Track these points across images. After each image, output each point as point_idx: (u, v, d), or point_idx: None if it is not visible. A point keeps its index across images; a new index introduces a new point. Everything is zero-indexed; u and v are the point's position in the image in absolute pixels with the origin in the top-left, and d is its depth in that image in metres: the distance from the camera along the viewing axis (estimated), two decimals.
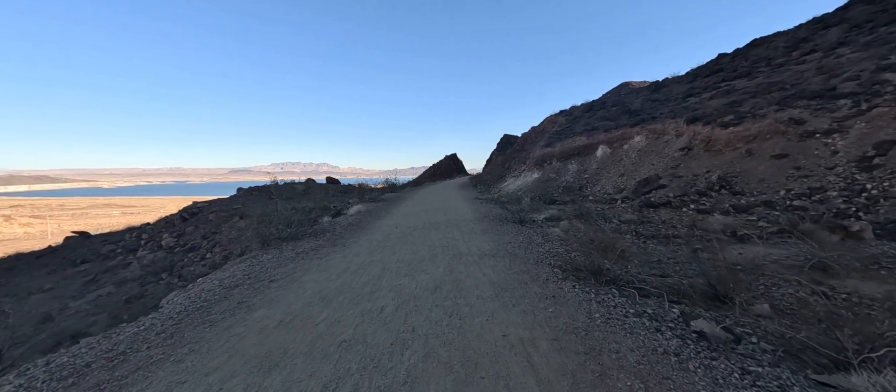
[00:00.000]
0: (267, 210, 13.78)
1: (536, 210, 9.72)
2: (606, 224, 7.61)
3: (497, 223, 7.79)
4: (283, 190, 23.45)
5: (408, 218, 9.64)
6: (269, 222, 7.51)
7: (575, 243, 5.46)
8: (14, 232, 39.74)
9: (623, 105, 18.12)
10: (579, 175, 14.22)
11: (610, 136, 15.03)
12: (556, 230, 6.15)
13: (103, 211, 63.87)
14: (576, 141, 15.88)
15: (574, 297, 3.55)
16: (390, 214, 10.63)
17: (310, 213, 12.92)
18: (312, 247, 6.67)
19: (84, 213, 58.33)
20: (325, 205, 14.30)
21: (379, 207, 12.17)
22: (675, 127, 13.10)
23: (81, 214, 56.85)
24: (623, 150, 14.15)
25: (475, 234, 6.65)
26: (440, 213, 10.07)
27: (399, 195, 16.47)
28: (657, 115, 15.19)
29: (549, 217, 8.45)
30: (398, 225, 8.48)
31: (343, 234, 7.74)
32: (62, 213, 58.43)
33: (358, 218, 10.04)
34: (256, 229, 7.10)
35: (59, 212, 60.05)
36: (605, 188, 12.58)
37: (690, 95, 16.83)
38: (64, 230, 29.87)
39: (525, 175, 15.86)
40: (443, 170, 44.30)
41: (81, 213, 60.11)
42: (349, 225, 8.96)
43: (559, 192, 13.32)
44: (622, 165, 13.34)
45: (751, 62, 18.28)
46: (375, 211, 11.44)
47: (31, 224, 46.34)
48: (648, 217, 8.16)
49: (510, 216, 8.60)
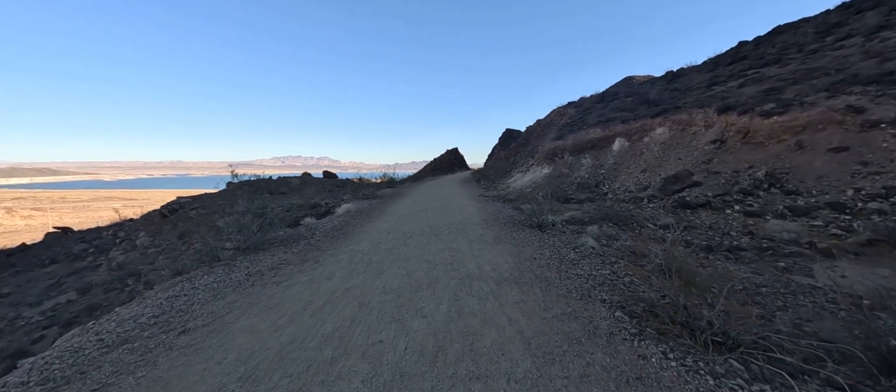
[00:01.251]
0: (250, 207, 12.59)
1: (553, 210, 8.47)
2: (642, 230, 6.36)
3: (511, 228, 6.53)
4: (276, 185, 22.25)
5: (404, 220, 8.38)
6: (234, 228, 6.16)
7: (622, 261, 4.21)
8: (15, 224, 39.56)
9: (640, 95, 16.76)
10: (595, 170, 12.94)
11: (628, 127, 13.72)
12: (589, 241, 4.92)
13: (105, 204, 63.04)
14: (589, 133, 14.58)
15: (674, 383, 2.13)
16: (384, 215, 9.36)
17: (296, 211, 11.71)
18: (274, 263, 5.24)
19: (85, 206, 57.51)
20: (316, 202, 13.08)
21: (373, 206, 10.91)
22: (704, 117, 11.79)
23: (83, 207, 56.03)
24: (643, 142, 12.86)
25: (486, 244, 5.37)
26: (442, 214, 8.80)
27: (397, 191, 15.24)
28: (680, 104, 13.86)
29: (569, 219, 7.21)
30: (392, 229, 7.21)
31: (321, 243, 6.34)
32: (64, 206, 57.73)
33: (345, 219, 8.73)
34: (204, 239, 5.77)
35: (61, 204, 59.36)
36: (626, 185, 11.31)
37: (715, 84, 15.47)
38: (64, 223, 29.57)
39: (534, 170, 14.60)
40: (444, 164, 43.02)
41: (83, 205, 59.31)
42: (333, 229, 7.64)
43: (574, 190, 12.06)
44: (643, 160, 12.06)
45: (779, 49, 16.99)
46: (368, 210, 10.18)
47: (33, 216, 45.97)
48: (689, 220, 6.91)
49: (525, 219, 7.34)
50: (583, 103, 21.44)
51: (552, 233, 5.95)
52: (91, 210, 52.36)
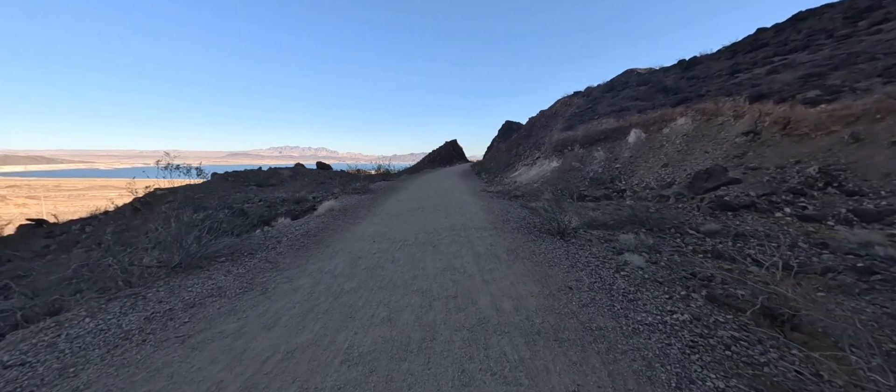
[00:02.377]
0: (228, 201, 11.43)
1: (568, 210, 7.33)
2: (684, 239, 5.23)
3: (525, 235, 5.38)
4: (265, 176, 21.01)
5: (395, 222, 7.14)
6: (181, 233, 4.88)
7: (695, 294, 3.03)
8: (10, 212, 38.78)
9: (656, 83, 15.54)
10: (609, 164, 11.79)
11: (645, 117, 12.54)
12: (634, 258, 3.79)
13: (100, 192, 61.85)
14: (602, 124, 13.40)
15: None
16: (373, 214, 8.07)
17: (278, 207, 10.53)
18: (201, 294, 3.72)
19: (81, 195, 56.23)
20: (302, 196, 11.89)
21: (361, 202, 9.69)
22: (733, 106, 10.63)
23: (78, 196, 54.78)
24: (663, 134, 11.71)
25: (499, 262, 4.19)
26: (440, 214, 7.62)
27: (392, 184, 14.06)
28: (703, 92, 12.67)
29: (591, 222, 6.07)
30: (379, 236, 5.97)
31: (281, 258, 4.89)
32: (58, 194, 56.61)
33: (325, 220, 7.43)
34: (116, 254, 4.48)
35: (56, 193, 58.06)
36: (646, 180, 10.18)
37: (737, 71, 14.28)
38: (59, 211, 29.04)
39: (541, 163, 13.47)
40: (442, 156, 41.74)
41: (78, 194, 58.06)
42: (305, 234, 6.29)
43: (587, 185, 10.92)
44: (664, 153, 10.92)
45: (804, 35, 15.81)
46: (354, 208, 8.90)
47: (27, 204, 45.07)
48: (733, 226, 5.78)
49: (540, 222, 6.19)
50: (591, 93, 20.18)
51: (578, 242, 4.83)
52: (86, 199, 51.25)
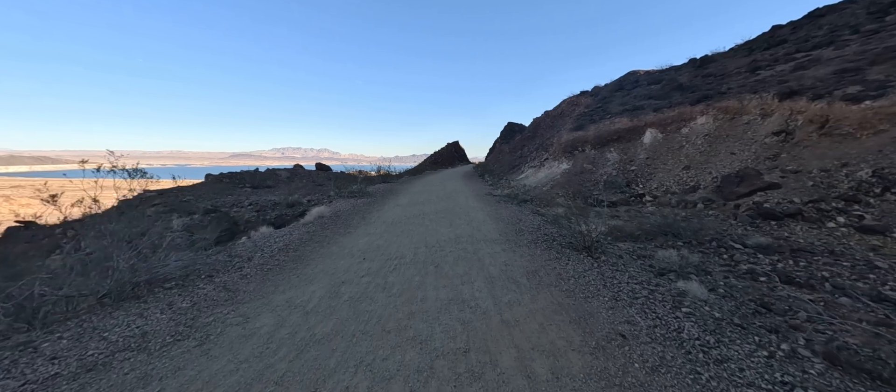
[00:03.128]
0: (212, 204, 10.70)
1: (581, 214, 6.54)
2: (729, 255, 4.44)
3: (545, 250, 4.57)
4: (261, 177, 20.30)
5: (392, 232, 6.29)
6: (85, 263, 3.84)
7: (777, 335, 2.25)
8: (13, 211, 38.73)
9: (670, 81, 14.74)
10: (623, 166, 11.00)
11: (661, 117, 11.75)
12: (694, 287, 2.99)
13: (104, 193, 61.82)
14: (614, 123, 12.61)
15: None
16: (367, 223, 7.21)
17: (268, 212, 9.79)
18: (118, 344, 2.74)
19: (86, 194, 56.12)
20: (296, 200, 11.14)
21: (356, 208, 8.89)
22: (760, 104, 9.83)
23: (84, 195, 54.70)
24: (681, 134, 10.91)
25: (519, 290, 3.36)
26: (443, 222, 6.86)
27: (391, 187, 13.31)
28: (724, 90, 11.87)
29: (615, 233, 5.27)
30: (370, 251, 5.11)
31: (244, 284, 3.94)
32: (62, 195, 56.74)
33: (311, 230, 6.54)
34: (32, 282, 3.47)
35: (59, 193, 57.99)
36: (665, 184, 9.39)
37: (758, 68, 13.48)
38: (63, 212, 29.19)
39: (549, 165, 12.69)
40: (444, 157, 41.00)
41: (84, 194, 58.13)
42: (283, 249, 5.39)
43: (601, 189, 10.13)
44: (684, 155, 10.12)
45: (826, 31, 15.05)
46: (347, 215, 8.06)
47: (31, 204, 44.93)
48: (783, 238, 4.98)
49: (557, 232, 5.40)
50: (599, 92, 19.40)
51: (609, 260, 4.04)
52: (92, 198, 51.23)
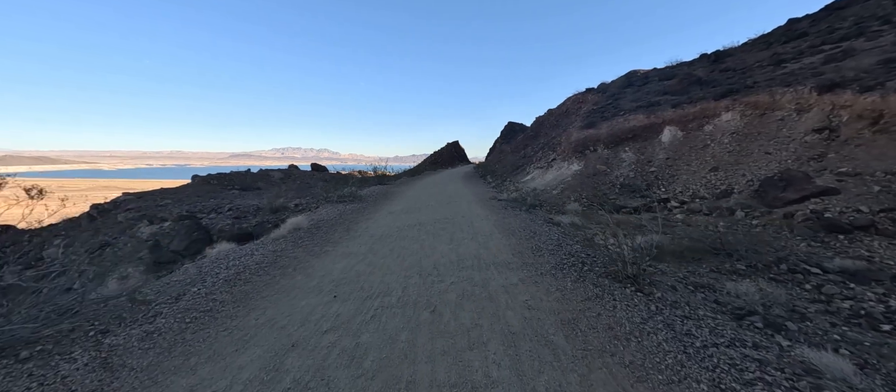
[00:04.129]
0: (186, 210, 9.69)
1: (599, 222, 5.56)
2: (816, 287, 3.46)
3: (579, 286, 3.37)
4: (251, 179, 19.34)
5: (378, 253, 4.97)
6: None
7: None
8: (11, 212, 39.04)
9: (687, 76, 13.75)
10: (641, 167, 10.02)
11: (681, 113, 10.78)
12: (831, 361, 2.01)
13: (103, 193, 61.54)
14: (629, 121, 11.63)
15: None
16: (350, 237, 5.95)
17: (247, 219, 8.85)
18: None
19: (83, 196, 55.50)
20: (282, 204, 10.18)
21: (343, 215, 7.68)
22: (795, 98, 8.85)
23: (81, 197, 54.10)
24: (704, 132, 9.94)
25: (557, 362, 2.22)
26: (443, 236, 5.61)
27: (387, 190, 12.32)
28: (749, 84, 10.89)
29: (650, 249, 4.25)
30: (345, 282, 3.88)
31: (140, 354, 2.62)
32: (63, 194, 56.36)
33: (280, 249, 5.23)
34: None
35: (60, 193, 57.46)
36: (692, 187, 8.41)
37: (783, 61, 12.51)
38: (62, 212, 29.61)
39: (558, 165, 11.70)
40: (444, 158, 40.00)
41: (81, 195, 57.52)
42: (230, 281, 4.05)
43: (618, 193, 9.15)
44: (710, 155, 9.14)
45: (851, 22, 14.20)
46: (330, 225, 6.81)
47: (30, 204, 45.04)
48: (873, 261, 4.01)
49: (583, 252, 4.40)
50: (607, 88, 18.43)
51: (665, 297, 3.04)
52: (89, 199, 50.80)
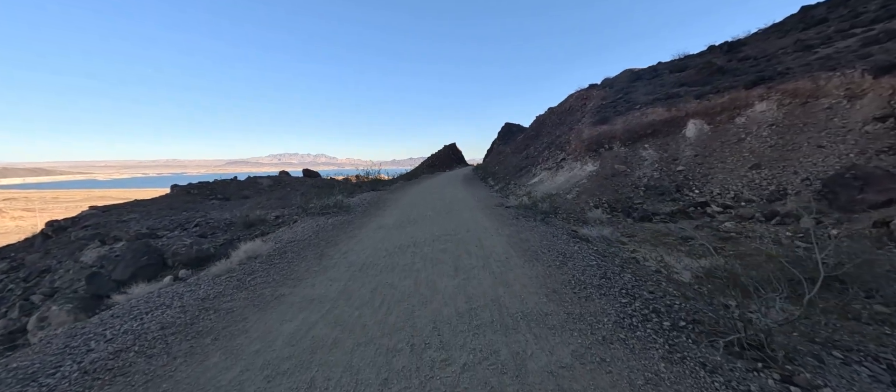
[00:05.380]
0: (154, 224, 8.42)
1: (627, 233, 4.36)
2: None
3: (676, 365, 2.06)
4: (236, 187, 18.05)
5: (355, 293, 3.59)
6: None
7: None
8: (5, 225, 37.45)
9: (707, 65, 12.62)
10: (666, 166, 8.85)
11: (706, 105, 9.64)
12: None
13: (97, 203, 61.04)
14: (647, 115, 10.47)
15: None
16: (321, 268, 4.39)
17: (209, 238, 7.62)
18: None
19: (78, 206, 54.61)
20: (259, 216, 8.96)
21: (320, 233, 6.26)
22: (844, 82, 7.72)
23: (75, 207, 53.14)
24: (736, 124, 8.80)
25: None
26: (445, 263, 4.25)
27: (379, 197, 11.07)
28: (781, 70, 9.77)
29: (714, 275, 3.06)
30: (295, 353, 2.51)
31: None
32: (56, 206, 55.36)
33: (213, 295, 3.74)
34: None
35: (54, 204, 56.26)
36: (731, 188, 7.24)
37: (810, 46, 11.41)
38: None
39: (570, 166, 10.51)
40: (442, 160, 38.85)
41: (75, 205, 56.60)
42: (111, 356, 2.63)
43: (642, 195, 7.96)
44: (748, 150, 7.99)
45: (879, 5, 13.26)
46: (299, 249, 5.28)
47: (23, 217, 44.61)
48: None
49: (642, 289, 3.13)
50: (613, 83, 17.32)
51: None
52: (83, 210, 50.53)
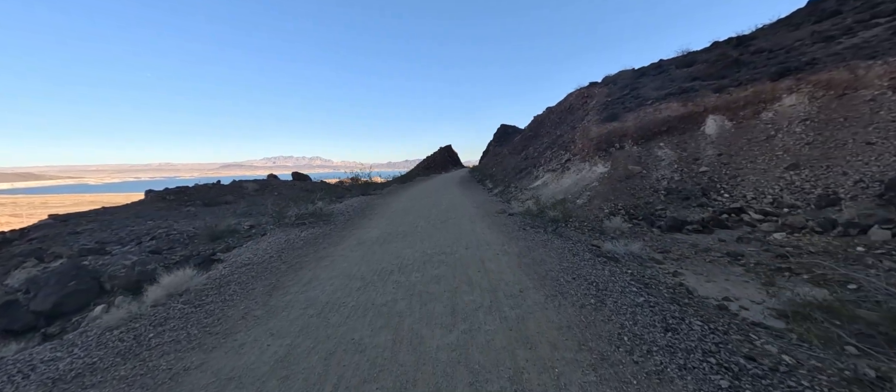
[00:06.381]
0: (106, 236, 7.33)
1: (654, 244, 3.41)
2: None
3: None
4: (217, 193, 16.90)
5: (303, 361, 2.41)
6: None
7: None
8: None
9: (722, 58, 11.75)
10: (687, 167, 7.93)
11: (727, 98, 8.76)
12: None
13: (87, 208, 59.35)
14: (660, 110, 9.57)
15: None
16: (262, 319, 3.11)
17: (164, 254, 6.53)
18: None
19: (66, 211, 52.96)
20: (230, 227, 7.93)
21: (283, 253, 5.14)
22: (888, 71, 6.85)
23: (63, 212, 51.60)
24: (763, 120, 7.92)
25: None
26: (438, 304, 3.11)
27: (368, 202, 10.04)
28: (809, 60, 8.91)
29: (809, 313, 2.06)
30: None
31: None
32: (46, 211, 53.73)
33: (91, 361, 2.47)
34: None
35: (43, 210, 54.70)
36: (768, 192, 6.32)
37: (831, 38, 10.58)
38: None
39: (577, 168, 9.56)
40: (437, 162, 37.96)
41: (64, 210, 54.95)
42: None
43: (664, 200, 7.03)
44: (782, 148, 7.09)
45: None
46: (249, 277, 4.19)
47: (10, 223, 43.02)
48: None
49: (728, 346, 2.18)
50: (617, 79, 16.45)
51: None
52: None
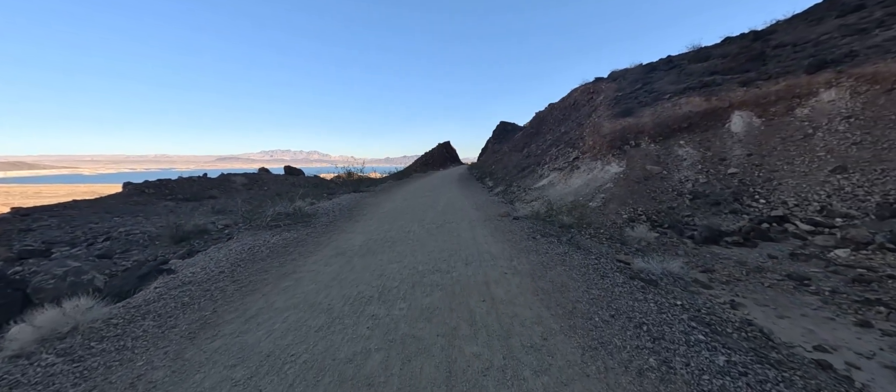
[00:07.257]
0: None
1: (710, 273, 2.60)
2: None
3: None
4: (201, 187, 15.95)
5: None
6: None
7: None
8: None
9: (743, 51, 10.92)
10: (712, 168, 7.13)
11: (755, 93, 7.97)
12: None
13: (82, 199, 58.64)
14: (681, 105, 8.74)
15: None
16: (166, 385, 2.02)
17: (101, 262, 5.64)
18: None
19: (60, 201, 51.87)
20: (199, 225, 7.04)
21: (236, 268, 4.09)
22: None
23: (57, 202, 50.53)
24: (797, 116, 7.13)
25: None
26: (433, 362, 2.13)
27: (359, 200, 9.20)
28: (847, 52, 8.11)
29: None
30: None
31: None
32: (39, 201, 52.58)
33: None
34: None
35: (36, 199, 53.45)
36: (813, 198, 5.53)
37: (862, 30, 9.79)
38: None
39: (587, 166, 8.73)
40: (436, 159, 37.06)
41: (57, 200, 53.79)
42: None
43: (689, 205, 6.23)
44: (823, 148, 6.29)
45: None
46: (161, 314, 2.95)
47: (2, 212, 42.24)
48: None
49: None
50: (626, 75, 15.63)
51: None
52: None
